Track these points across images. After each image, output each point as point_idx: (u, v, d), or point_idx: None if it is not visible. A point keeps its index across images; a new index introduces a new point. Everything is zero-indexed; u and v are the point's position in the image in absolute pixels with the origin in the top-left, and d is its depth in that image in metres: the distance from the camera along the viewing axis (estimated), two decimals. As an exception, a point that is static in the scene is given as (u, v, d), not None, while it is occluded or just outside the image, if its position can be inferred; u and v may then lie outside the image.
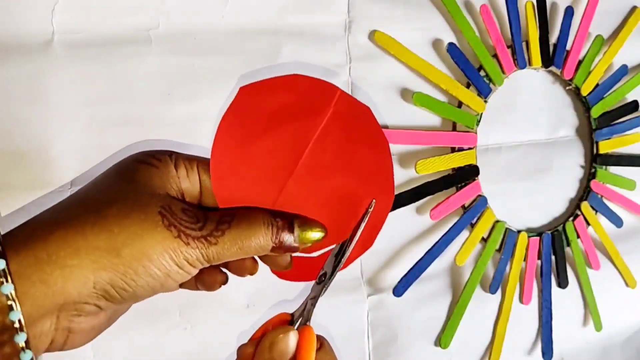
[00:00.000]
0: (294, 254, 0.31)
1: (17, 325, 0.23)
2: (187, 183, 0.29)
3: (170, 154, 0.29)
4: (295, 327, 0.30)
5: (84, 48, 0.41)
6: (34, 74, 0.40)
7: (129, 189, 0.27)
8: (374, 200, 0.31)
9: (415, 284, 0.56)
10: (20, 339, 0.24)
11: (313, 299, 0.31)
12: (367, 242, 0.32)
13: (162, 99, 0.44)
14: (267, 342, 0.28)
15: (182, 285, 0.33)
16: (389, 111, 0.55)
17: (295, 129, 0.29)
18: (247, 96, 0.29)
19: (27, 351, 0.24)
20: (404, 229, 0.58)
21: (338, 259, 0.31)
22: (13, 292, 0.23)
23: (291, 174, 0.29)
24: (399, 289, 0.56)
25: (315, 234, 0.30)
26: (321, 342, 0.30)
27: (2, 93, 0.39)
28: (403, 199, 0.54)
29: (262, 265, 0.47)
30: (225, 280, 0.34)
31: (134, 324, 0.46)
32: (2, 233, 0.25)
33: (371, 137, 0.31)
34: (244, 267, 0.32)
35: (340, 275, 0.56)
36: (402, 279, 0.56)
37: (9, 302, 0.23)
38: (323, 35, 0.51)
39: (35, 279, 0.24)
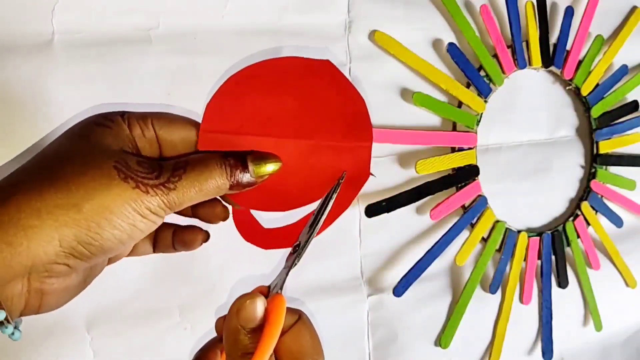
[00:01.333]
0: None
1: None
2: (143, 141, 0.30)
3: (122, 114, 0.30)
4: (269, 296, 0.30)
5: (84, 48, 0.41)
6: (34, 74, 0.40)
7: (83, 148, 0.27)
8: (344, 172, 0.32)
9: (415, 284, 0.56)
10: None
11: (286, 269, 0.31)
12: (342, 206, 0.34)
13: (162, 99, 0.44)
14: (234, 308, 0.28)
15: (157, 250, 0.34)
16: (389, 111, 0.55)
17: (276, 101, 0.31)
18: (237, 79, 0.31)
19: (1, 311, 0.25)
20: (404, 229, 0.58)
21: (312, 229, 0.32)
22: None
23: (274, 139, 0.31)
24: (399, 289, 0.56)
25: (270, 166, 0.31)
26: (299, 315, 0.30)
27: (2, 93, 0.39)
28: (403, 199, 0.54)
29: (260, 266, 0.47)
30: (206, 237, 0.34)
31: (134, 324, 0.46)
32: None
33: (343, 91, 0.32)
34: (215, 214, 0.33)
35: (340, 275, 0.56)
36: (402, 279, 0.56)
37: None
38: (323, 35, 0.51)
39: (1, 242, 0.24)
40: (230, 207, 0.34)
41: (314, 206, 0.33)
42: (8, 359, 0.41)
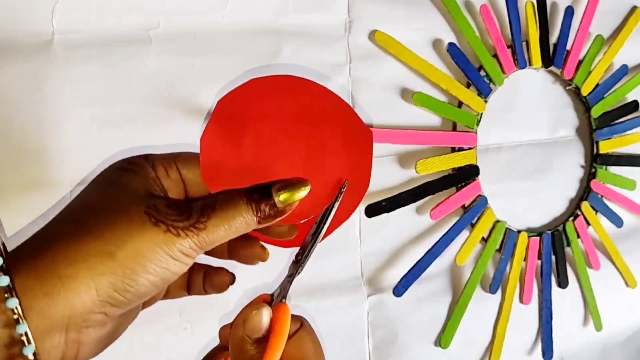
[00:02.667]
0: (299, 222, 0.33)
1: (24, 338, 0.24)
2: (169, 181, 0.30)
3: (146, 156, 0.30)
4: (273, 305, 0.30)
5: (84, 48, 0.41)
6: (34, 74, 0.40)
7: (113, 196, 0.28)
8: (346, 181, 0.33)
9: (416, 284, 0.56)
10: (29, 351, 0.24)
11: (290, 277, 0.31)
12: (344, 215, 0.34)
13: (162, 99, 0.44)
14: (241, 318, 0.29)
15: (191, 292, 0.35)
16: (389, 111, 0.55)
17: (273, 123, 0.31)
18: (226, 104, 0.31)
19: None
20: (404, 229, 0.58)
21: (315, 238, 0.32)
22: (18, 306, 0.24)
23: (276, 160, 0.31)
24: (399, 289, 0.56)
25: (299, 193, 0.31)
26: (301, 322, 0.31)
27: (2, 93, 0.39)
28: (403, 199, 0.54)
29: (260, 266, 0.47)
30: (232, 280, 0.35)
31: (134, 324, 0.46)
32: (7, 250, 0.25)
33: (345, 122, 0.33)
34: (254, 255, 0.34)
35: (340, 275, 0.56)
36: (402, 279, 0.56)
37: (15, 316, 0.24)
38: (323, 35, 0.51)
39: (38, 292, 0.24)
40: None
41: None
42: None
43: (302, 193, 0.31)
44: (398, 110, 0.55)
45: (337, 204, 0.32)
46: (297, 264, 0.32)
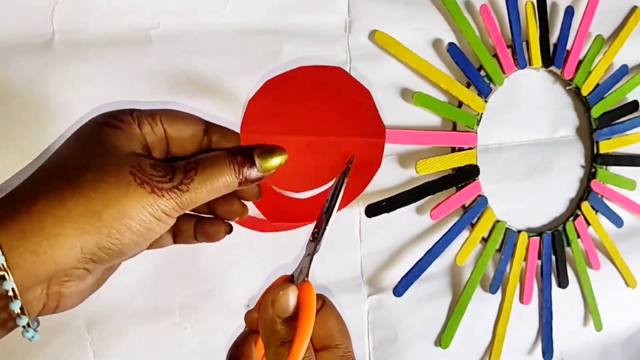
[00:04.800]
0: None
1: (11, 293, 0.25)
2: (153, 137, 0.31)
3: (132, 112, 0.31)
4: (296, 284, 0.31)
5: (84, 48, 0.41)
6: (34, 74, 0.40)
7: (98, 153, 0.28)
8: (352, 156, 0.34)
9: (416, 284, 0.56)
10: (15, 306, 0.25)
11: (309, 256, 0.32)
12: (355, 191, 0.36)
13: (162, 99, 0.44)
14: (269, 300, 0.29)
15: (178, 241, 0.35)
16: (389, 111, 0.55)
17: (298, 105, 0.34)
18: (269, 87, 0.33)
19: (23, 317, 0.26)
20: (404, 229, 0.58)
21: (328, 215, 0.33)
22: (4, 263, 0.24)
23: (301, 141, 0.34)
24: (399, 289, 0.56)
25: (275, 160, 0.32)
26: (323, 299, 0.31)
27: (2, 93, 0.39)
28: (403, 199, 0.54)
29: (260, 265, 0.47)
30: (229, 229, 0.35)
31: (134, 324, 0.46)
32: None
33: (353, 92, 0.35)
34: (233, 211, 0.34)
35: (340, 275, 0.56)
36: (402, 279, 0.56)
37: (1, 273, 0.25)
38: (323, 35, 0.51)
39: (24, 250, 0.25)
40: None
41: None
42: (9, 358, 0.41)
43: (281, 159, 0.32)
44: (398, 110, 0.55)
45: (346, 180, 0.33)
46: (314, 241, 0.32)
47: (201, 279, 0.48)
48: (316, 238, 0.32)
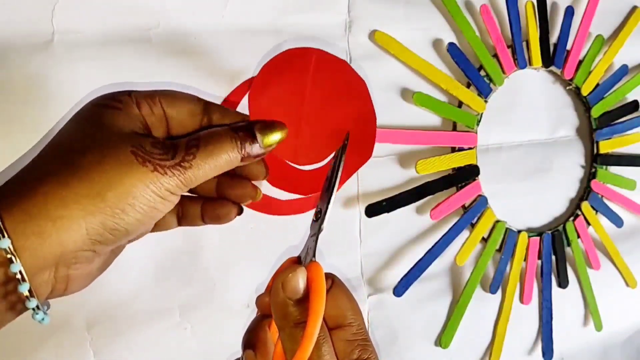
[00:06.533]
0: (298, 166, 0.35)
1: (19, 276, 0.25)
2: (153, 118, 0.30)
3: (129, 92, 0.30)
4: (304, 265, 0.31)
5: (84, 48, 0.41)
6: (34, 74, 0.40)
7: (98, 134, 0.28)
8: (348, 132, 0.35)
9: (416, 284, 0.56)
10: (24, 289, 0.25)
11: (314, 236, 0.32)
12: (363, 156, 0.37)
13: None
14: (279, 283, 0.29)
15: (183, 223, 0.35)
16: (389, 111, 0.55)
17: (292, 85, 0.35)
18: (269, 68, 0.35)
19: (32, 299, 0.26)
20: (404, 229, 0.58)
21: (330, 193, 0.33)
22: (11, 246, 0.25)
23: (300, 118, 0.35)
24: (399, 289, 0.56)
25: (275, 136, 0.32)
26: (332, 279, 0.31)
27: (2, 93, 0.39)
28: (403, 199, 0.54)
29: (260, 266, 0.47)
30: (240, 211, 0.35)
31: (134, 324, 0.46)
32: None
33: (349, 80, 0.37)
34: (246, 194, 0.34)
35: (340, 275, 0.56)
36: (402, 279, 0.56)
37: (8, 256, 0.25)
38: (323, 35, 0.51)
39: (30, 232, 0.25)
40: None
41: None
42: (8, 358, 0.41)
43: (282, 135, 0.32)
44: (398, 110, 0.55)
45: (343, 157, 0.34)
46: (317, 221, 0.32)
47: (201, 279, 0.48)
48: (319, 217, 0.33)
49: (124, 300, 0.45)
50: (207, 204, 0.34)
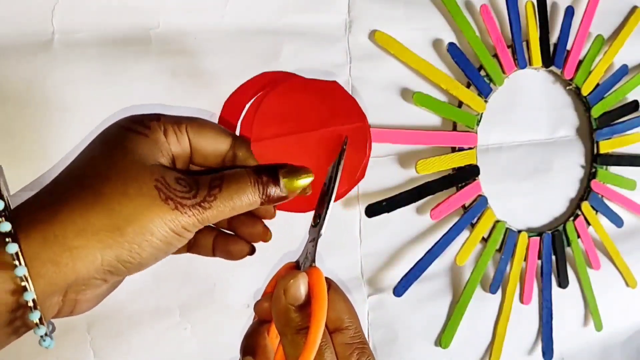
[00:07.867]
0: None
1: (30, 304, 0.25)
2: (178, 147, 0.30)
3: (158, 118, 0.30)
4: (303, 270, 0.31)
5: (84, 48, 0.41)
6: (34, 74, 0.40)
7: (122, 162, 0.27)
8: (346, 137, 0.34)
9: (416, 284, 0.56)
10: (35, 317, 0.25)
11: (312, 241, 0.32)
12: (356, 175, 0.36)
13: (162, 99, 0.44)
14: (280, 289, 0.29)
15: (192, 251, 0.35)
16: (389, 111, 0.55)
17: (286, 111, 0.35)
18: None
19: (41, 327, 0.26)
20: (404, 229, 0.58)
21: (329, 198, 0.32)
22: (27, 274, 0.24)
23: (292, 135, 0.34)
24: (399, 289, 0.56)
25: (302, 181, 0.31)
26: (329, 283, 0.31)
27: (2, 93, 0.39)
28: (403, 199, 0.54)
29: (260, 266, 0.47)
30: (252, 251, 0.35)
31: (134, 324, 0.46)
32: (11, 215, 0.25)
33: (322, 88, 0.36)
34: (256, 233, 0.34)
35: (340, 275, 0.56)
36: (402, 279, 0.56)
37: (23, 284, 0.24)
38: (323, 35, 0.51)
39: (46, 259, 0.25)
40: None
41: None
42: (8, 358, 0.41)
43: (306, 180, 0.31)
44: (398, 110, 0.55)
45: (342, 162, 0.33)
46: (316, 227, 0.32)
47: (201, 279, 0.48)
48: (318, 223, 0.32)
49: (124, 300, 0.45)
50: (220, 238, 0.34)
